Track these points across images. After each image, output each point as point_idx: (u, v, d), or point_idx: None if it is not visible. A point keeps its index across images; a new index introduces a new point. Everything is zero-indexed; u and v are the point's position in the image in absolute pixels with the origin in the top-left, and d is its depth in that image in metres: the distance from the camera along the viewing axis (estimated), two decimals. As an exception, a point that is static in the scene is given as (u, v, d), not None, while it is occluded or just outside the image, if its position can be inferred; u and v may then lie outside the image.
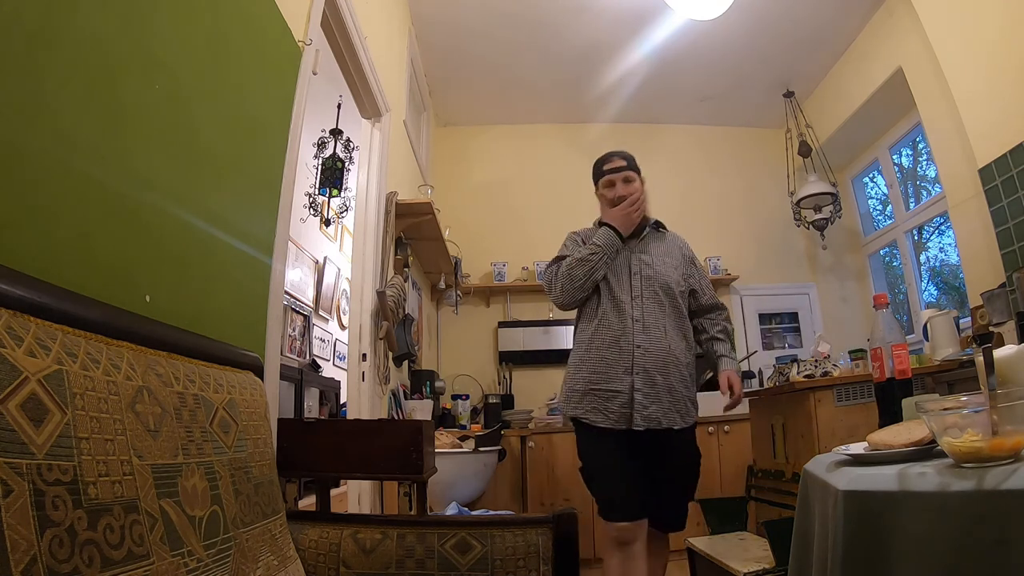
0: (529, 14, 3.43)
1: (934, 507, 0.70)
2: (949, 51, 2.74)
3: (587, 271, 1.84)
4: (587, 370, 1.84)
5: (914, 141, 3.74)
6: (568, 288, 1.85)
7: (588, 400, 1.81)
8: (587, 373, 1.84)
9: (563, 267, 1.88)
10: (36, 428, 0.55)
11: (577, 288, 1.85)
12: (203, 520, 0.76)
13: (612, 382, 1.79)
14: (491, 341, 4.23)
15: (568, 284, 1.86)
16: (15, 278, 0.62)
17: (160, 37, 1.03)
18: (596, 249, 1.84)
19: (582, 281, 1.84)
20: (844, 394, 2.33)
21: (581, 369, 1.86)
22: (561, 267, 1.89)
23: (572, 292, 1.86)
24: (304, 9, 1.76)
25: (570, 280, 1.85)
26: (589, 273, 1.84)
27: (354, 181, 3.01)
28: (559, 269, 1.89)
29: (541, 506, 3.37)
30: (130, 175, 0.95)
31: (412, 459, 1.36)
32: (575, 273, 1.85)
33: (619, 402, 1.77)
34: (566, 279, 1.86)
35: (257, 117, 1.44)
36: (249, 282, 1.39)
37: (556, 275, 1.90)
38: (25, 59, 0.74)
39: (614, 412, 1.77)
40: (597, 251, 1.84)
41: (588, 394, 1.81)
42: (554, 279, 1.90)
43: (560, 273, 1.88)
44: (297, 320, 3.87)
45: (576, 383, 1.86)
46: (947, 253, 3.60)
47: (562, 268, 1.88)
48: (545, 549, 1.09)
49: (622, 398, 1.77)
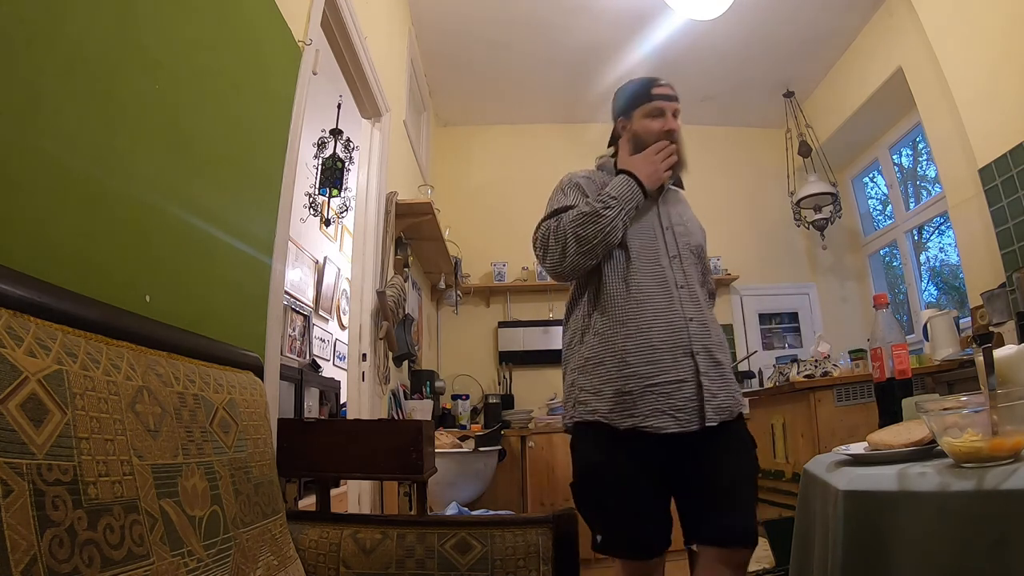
0: (529, 14, 3.43)
1: (934, 507, 0.70)
2: (949, 51, 2.74)
3: (601, 230, 1.33)
4: (633, 362, 1.30)
5: (914, 141, 3.74)
6: (575, 250, 1.34)
7: (648, 401, 1.28)
8: (634, 366, 1.30)
9: (566, 222, 1.36)
10: (36, 428, 0.55)
11: (587, 251, 1.34)
12: (203, 520, 0.76)
13: (671, 370, 1.29)
14: (491, 341, 4.23)
15: (574, 245, 1.34)
16: (15, 278, 0.62)
17: (160, 37, 1.03)
18: (611, 203, 1.35)
19: (594, 243, 1.33)
20: (844, 394, 2.33)
21: (621, 363, 1.31)
22: (563, 222, 1.37)
23: (581, 256, 1.34)
24: (304, 9, 1.76)
25: (577, 240, 1.33)
26: (603, 232, 1.33)
27: (354, 181, 3.01)
28: (559, 224, 1.37)
29: (541, 506, 3.37)
30: (130, 175, 0.95)
31: (412, 459, 1.36)
32: (585, 232, 1.33)
33: (685, 394, 1.29)
34: (571, 239, 1.34)
35: (257, 117, 1.44)
36: (249, 282, 1.39)
37: (555, 233, 1.37)
38: (25, 59, 0.74)
39: (683, 409, 1.28)
40: (612, 204, 1.35)
41: (646, 393, 1.28)
42: (551, 238, 1.38)
43: (562, 230, 1.36)
44: (297, 320, 3.87)
45: (616, 382, 1.31)
46: (947, 253, 3.60)
47: (565, 223, 1.36)
48: (545, 549, 1.09)
49: (688, 389, 1.29)
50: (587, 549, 1.20)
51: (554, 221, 1.39)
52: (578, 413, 1.37)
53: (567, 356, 1.45)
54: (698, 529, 1.30)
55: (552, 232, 1.38)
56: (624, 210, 1.36)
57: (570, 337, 1.45)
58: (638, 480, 1.29)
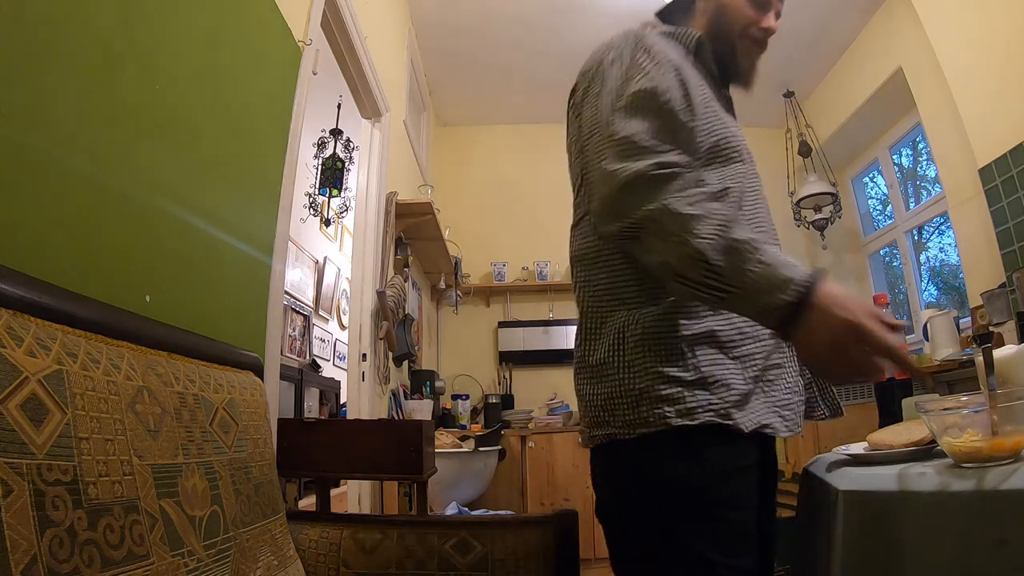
0: (529, 14, 3.43)
1: (934, 507, 0.70)
2: (949, 51, 2.74)
3: (686, 255, 0.72)
4: (751, 342, 0.84)
5: (914, 141, 3.74)
6: (640, 225, 0.74)
7: (775, 389, 0.85)
8: (754, 344, 0.84)
9: (681, 197, 0.73)
10: (36, 428, 0.55)
11: (642, 237, 0.75)
12: (203, 520, 0.76)
13: (785, 354, 0.88)
14: (491, 341, 4.23)
15: (651, 224, 0.74)
16: (15, 278, 0.62)
17: (160, 37, 1.03)
18: (758, 265, 0.72)
19: (667, 242, 0.73)
20: (844, 394, 2.33)
21: (740, 338, 0.83)
22: (679, 189, 0.73)
23: (633, 229, 0.75)
24: (304, 9, 1.76)
25: (662, 222, 0.73)
26: (682, 257, 0.72)
27: (354, 181, 3.01)
28: (670, 183, 0.74)
29: (541, 506, 3.37)
30: (130, 175, 0.95)
31: (412, 459, 1.36)
32: (679, 232, 0.72)
33: (801, 384, 0.91)
34: (665, 215, 0.73)
35: (257, 117, 1.44)
36: (249, 282, 1.39)
37: (653, 182, 0.74)
38: (25, 59, 0.74)
39: (799, 404, 0.89)
40: (730, 276, 0.71)
41: (767, 383, 0.84)
42: (642, 182, 0.74)
43: (665, 193, 0.73)
44: (297, 320, 3.87)
45: (738, 365, 0.82)
46: (947, 253, 3.60)
47: (679, 197, 0.73)
48: (545, 549, 1.09)
49: (802, 378, 0.93)
50: (587, 549, 1.20)
51: (663, 168, 0.74)
52: (747, 417, 0.80)
53: (658, 329, 0.81)
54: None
55: (663, 185, 0.73)
56: (729, 295, 0.72)
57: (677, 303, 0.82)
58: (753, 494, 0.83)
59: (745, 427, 0.79)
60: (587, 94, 0.89)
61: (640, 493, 0.81)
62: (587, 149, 0.85)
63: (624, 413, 0.81)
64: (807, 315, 0.69)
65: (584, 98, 0.90)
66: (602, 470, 0.88)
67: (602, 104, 0.84)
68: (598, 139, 0.82)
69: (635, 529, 0.82)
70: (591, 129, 0.84)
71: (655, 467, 0.80)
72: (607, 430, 0.83)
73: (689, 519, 0.78)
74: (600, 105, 0.84)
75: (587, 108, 0.88)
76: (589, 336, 0.89)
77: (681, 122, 0.82)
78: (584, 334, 0.90)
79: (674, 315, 0.82)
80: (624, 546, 0.85)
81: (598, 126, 0.83)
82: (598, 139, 0.82)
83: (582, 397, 0.89)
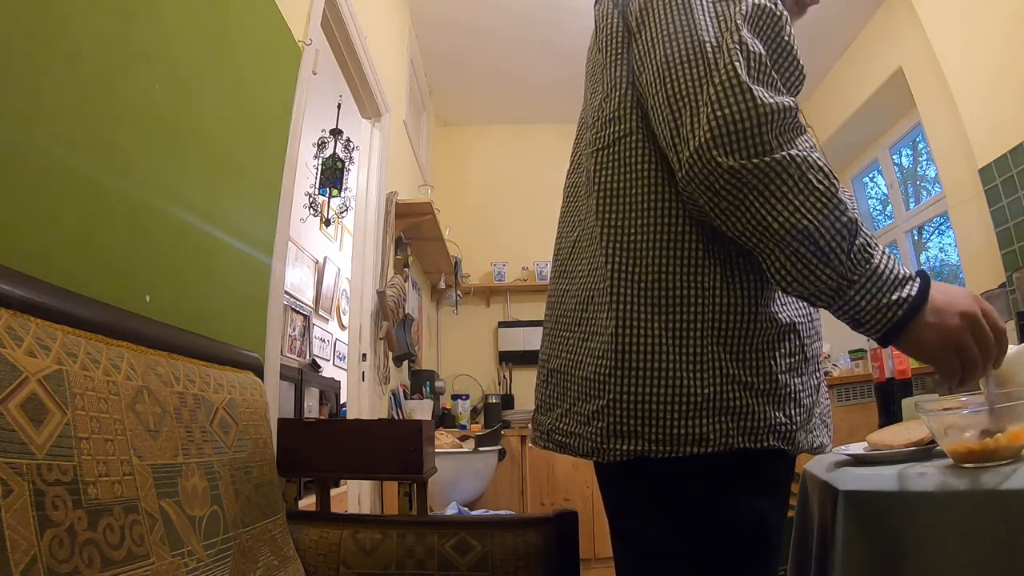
0: (529, 13, 3.43)
1: (934, 507, 0.70)
2: (949, 51, 2.74)
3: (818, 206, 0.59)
4: (817, 339, 0.74)
5: (914, 141, 3.73)
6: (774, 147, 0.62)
7: (823, 395, 0.76)
8: (818, 341, 0.74)
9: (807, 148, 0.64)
10: (36, 428, 0.55)
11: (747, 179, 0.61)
12: (203, 520, 0.76)
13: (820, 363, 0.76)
14: (491, 341, 4.23)
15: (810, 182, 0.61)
16: (15, 278, 0.62)
17: (160, 37, 1.03)
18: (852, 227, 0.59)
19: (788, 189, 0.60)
20: (844, 394, 2.33)
21: (814, 335, 0.73)
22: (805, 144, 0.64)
23: (753, 179, 0.61)
24: (304, 9, 1.76)
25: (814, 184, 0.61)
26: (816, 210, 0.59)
27: (354, 181, 3.01)
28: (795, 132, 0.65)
29: (541, 506, 3.37)
30: (130, 175, 0.95)
31: (412, 459, 1.36)
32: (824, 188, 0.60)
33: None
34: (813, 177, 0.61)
35: (257, 117, 1.44)
36: (249, 282, 1.39)
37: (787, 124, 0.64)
38: (25, 58, 0.74)
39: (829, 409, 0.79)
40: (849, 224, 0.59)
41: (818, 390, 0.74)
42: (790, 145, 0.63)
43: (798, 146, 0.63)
44: (297, 320, 3.87)
45: (811, 367, 0.71)
46: (947, 253, 3.60)
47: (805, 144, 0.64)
48: (545, 549, 1.09)
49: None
50: (587, 549, 1.20)
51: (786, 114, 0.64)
52: (806, 437, 0.68)
53: (740, 314, 0.65)
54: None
55: (789, 135, 0.64)
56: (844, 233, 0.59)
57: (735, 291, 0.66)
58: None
59: (803, 448, 0.67)
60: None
61: (702, 533, 0.66)
62: (676, 43, 0.64)
63: (671, 424, 0.62)
64: (919, 318, 0.59)
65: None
66: (628, 496, 0.70)
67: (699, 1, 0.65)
68: (710, 34, 0.63)
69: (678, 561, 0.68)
70: (683, 18, 0.65)
71: (723, 502, 0.65)
72: (636, 444, 0.63)
73: (752, 563, 0.67)
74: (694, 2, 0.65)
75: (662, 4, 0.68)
76: (619, 296, 0.65)
77: (799, 64, 0.70)
78: (598, 292, 0.68)
79: (757, 297, 0.64)
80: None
81: (703, 18, 0.64)
82: (710, 34, 0.63)
83: (581, 379, 0.68)
